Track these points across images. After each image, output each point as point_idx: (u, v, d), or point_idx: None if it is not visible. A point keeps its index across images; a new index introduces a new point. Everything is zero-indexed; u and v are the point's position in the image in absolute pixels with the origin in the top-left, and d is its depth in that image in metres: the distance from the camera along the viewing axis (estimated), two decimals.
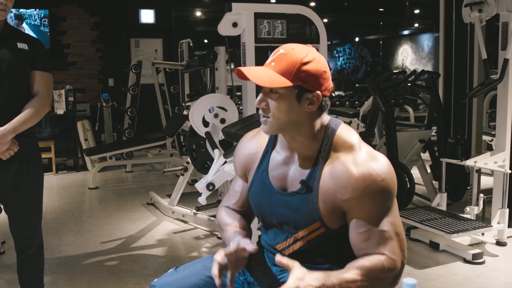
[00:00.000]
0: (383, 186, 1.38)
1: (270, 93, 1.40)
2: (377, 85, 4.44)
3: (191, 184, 5.41)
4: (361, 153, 1.41)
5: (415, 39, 13.67)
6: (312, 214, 1.43)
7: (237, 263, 1.48)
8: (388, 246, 1.39)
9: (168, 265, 3.41)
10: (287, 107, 1.39)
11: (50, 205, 5.13)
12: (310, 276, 1.32)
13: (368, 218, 1.39)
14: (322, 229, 1.44)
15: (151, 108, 7.32)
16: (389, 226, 1.39)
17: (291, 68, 1.37)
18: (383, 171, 1.39)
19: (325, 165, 1.42)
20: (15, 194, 2.27)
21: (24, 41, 2.26)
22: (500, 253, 3.52)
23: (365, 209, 1.38)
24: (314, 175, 1.43)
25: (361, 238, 1.40)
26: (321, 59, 1.43)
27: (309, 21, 3.58)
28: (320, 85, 1.40)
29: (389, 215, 1.40)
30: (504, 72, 3.59)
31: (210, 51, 4.30)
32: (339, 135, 1.44)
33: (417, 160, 4.80)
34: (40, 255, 2.42)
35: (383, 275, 1.38)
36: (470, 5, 3.73)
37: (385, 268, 1.38)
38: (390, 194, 1.40)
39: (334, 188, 1.40)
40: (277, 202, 1.50)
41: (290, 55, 1.39)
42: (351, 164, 1.39)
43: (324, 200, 1.41)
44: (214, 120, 3.65)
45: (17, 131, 2.17)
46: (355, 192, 1.37)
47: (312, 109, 1.41)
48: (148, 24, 8.89)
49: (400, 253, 1.40)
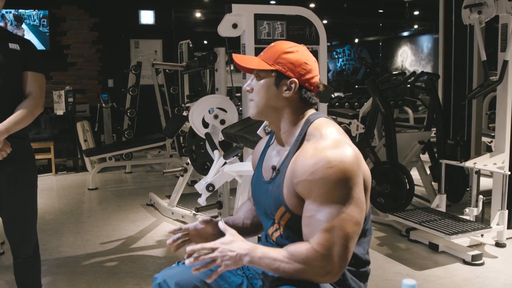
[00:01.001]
0: (330, 173, 1.36)
1: (255, 77, 1.55)
2: (377, 87, 4.44)
3: (190, 185, 5.41)
4: (325, 141, 1.44)
5: (414, 40, 13.68)
6: (278, 198, 1.49)
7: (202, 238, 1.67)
8: (317, 237, 1.36)
9: (167, 265, 3.39)
10: (266, 91, 1.52)
11: (50, 206, 5.13)
12: (238, 244, 1.43)
13: (313, 204, 1.39)
14: (288, 215, 1.48)
15: (150, 109, 7.32)
16: (328, 217, 1.35)
17: (274, 55, 1.52)
18: (336, 158, 1.37)
19: (295, 153, 1.48)
20: (8, 197, 2.25)
21: (16, 41, 2.24)
22: (500, 254, 3.53)
23: (310, 194, 1.39)
24: (285, 162, 1.50)
25: (304, 222, 1.42)
26: (305, 54, 1.54)
27: (309, 23, 3.58)
28: (298, 74, 1.50)
29: (336, 206, 1.36)
30: (503, 73, 3.59)
31: (210, 52, 4.30)
32: (314, 125, 1.50)
33: (416, 161, 4.81)
34: (36, 257, 2.40)
35: (303, 262, 1.37)
36: (470, 7, 3.73)
37: (305, 257, 1.37)
38: (338, 184, 1.36)
39: (292, 172, 1.45)
40: (262, 190, 1.60)
41: (277, 46, 1.55)
42: (310, 150, 1.43)
43: (286, 185, 1.47)
44: (214, 121, 3.64)
45: (10, 132, 2.14)
46: (304, 175, 1.40)
47: (289, 95, 1.50)
48: (148, 25, 8.90)
49: (330, 248, 1.35)
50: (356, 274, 1.53)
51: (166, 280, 1.63)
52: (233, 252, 1.40)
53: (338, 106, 7.91)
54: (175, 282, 1.62)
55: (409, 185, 4.09)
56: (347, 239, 1.36)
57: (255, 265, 1.42)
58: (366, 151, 4.41)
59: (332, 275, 1.38)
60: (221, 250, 1.41)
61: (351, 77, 15.28)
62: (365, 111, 6.01)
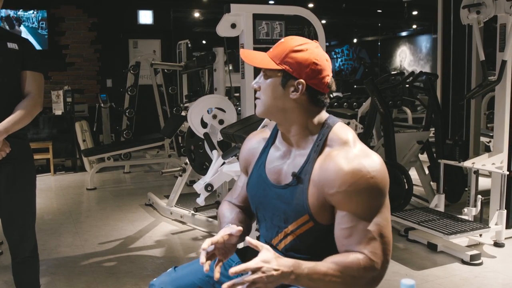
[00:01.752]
0: (372, 183, 1.35)
1: (264, 75, 1.48)
2: (376, 86, 4.44)
3: (189, 185, 5.41)
4: (354, 149, 1.41)
5: (413, 40, 13.69)
6: (302, 206, 1.43)
7: (226, 251, 1.50)
8: (370, 245, 1.34)
9: (166, 266, 3.40)
10: (272, 91, 1.46)
11: (48, 206, 5.13)
12: (279, 261, 1.31)
13: (353, 214, 1.36)
14: (311, 223, 1.44)
15: (149, 109, 7.31)
16: (374, 226, 1.35)
17: (281, 53, 1.44)
18: (373, 168, 1.36)
19: (317, 159, 1.43)
20: (7, 197, 2.25)
21: (14, 41, 2.23)
22: (498, 254, 3.53)
23: (351, 205, 1.36)
24: (306, 168, 1.44)
25: (344, 234, 1.37)
26: (316, 52, 1.46)
27: (308, 23, 3.59)
28: (306, 74, 1.43)
29: (377, 215, 1.36)
30: (502, 73, 3.60)
31: (208, 52, 4.30)
32: (335, 131, 1.46)
33: (415, 161, 4.81)
34: (34, 257, 2.39)
35: (358, 274, 1.33)
36: (468, 7, 3.73)
37: (361, 267, 1.33)
38: (379, 193, 1.37)
39: (323, 182, 1.40)
40: (271, 194, 1.52)
41: (286, 42, 1.47)
42: (341, 159, 1.39)
43: (313, 193, 1.42)
44: (213, 121, 3.64)
45: (9, 132, 2.14)
46: (342, 186, 1.36)
47: (296, 97, 1.44)
48: (147, 25, 8.90)
49: (381, 255, 1.35)
50: None
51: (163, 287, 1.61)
52: (278, 271, 1.29)
53: (337, 106, 7.91)
54: None
55: (408, 185, 4.09)
56: (390, 245, 1.38)
57: (300, 282, 1.32)
58: None
59: (376, 283, 1.37)
60: (264, 269, 1.28)
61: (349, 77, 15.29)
62: (364, 111, 6.02)
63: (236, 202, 1.74)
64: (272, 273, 1.28)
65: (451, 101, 4.58)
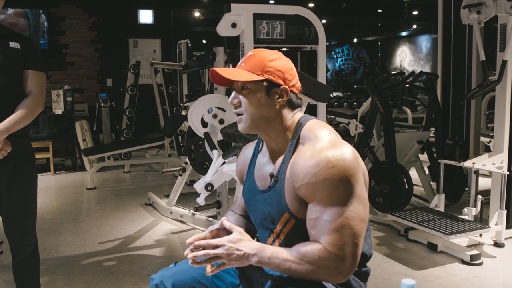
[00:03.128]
0: (333, 173, 1.36)
1: (242, 90, 1.51)
2: (376, 86, 4.44)
3: (189, 185, 5.41)
4: (321, 142, 1.44)
5: (413, 40, 13.69)
6: (281, 205, 1.48)
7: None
8: (329, 237, 1.35)
9: (166, 265, 3.37)
10: (258, 101, 1.50)
11: (48, 205, 5.13)
12: (246, 243, 1.41)
13: (318, 205, 1.38)
14: (293, 220, 1.47)
15: (149, 109, 7.31)
16: (336, 217, 1.35)
17: (259, 65, 1.50)
18: (336, 158, 1.37)
19: (291, 158, 1.47)
20: (8, 196, 2.25)
21: (16, 40, 2.22)
22: (498, 254, 3.53)
23: (315, 196, 1.39)
24: (282, 168, 1.49)
25: (310, 225, 1.41)
26: (286, 59, 1.55)
27: (308, 22, 3.58)
28: (287, 80, 1.51)
29: (342, 205, 1.36)
30: (502, 73, 3.60)
31: (209, 52, 4.30)
32: (307, 127, 1.50)
33: (415, 161, 4.81)
34: (35, 256, 2.40)
35: (316, 263, 1.35)
36: (469, 7, 3.73)
37: (318, 257, 1.35)
38: (341, 183, 1.36)
39: (293, 177, 1.44)
40: (259, 199, 1.57)
41: (258, 55, 1.53)
42: (307, 152, 1.43)
43: (288, 191, 1.46)
44: (213, 120, 3.64)
45: (10, 131, 2.14)
46: (305, 178, 1.39)
47: (282, 103, 1.51)
48: (147, 25, 8.90)
49: (341, 247, 1.34)
50: (357, 274, 1.53)
51: (163, 281, 1.63)
52: (241, 251, 1.39)
53: (337, 106, 7.92)
54: (172, 283, 1.62)
55: (408, 185, 4.09)
56: (356, 237, 1.36)
57: (264, 265, 1.40)
58: (365, 151, 4.41)
59: (344, 274, 1.36)
60: (227, 248, 1.39)
61: (349, 77, 15.30)
62: (364, 111, 6.02)
63: (238, 212, 1.79)
64: (234, 252, 1.39)
65: (451, 101, 4.58)
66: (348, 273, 1.37)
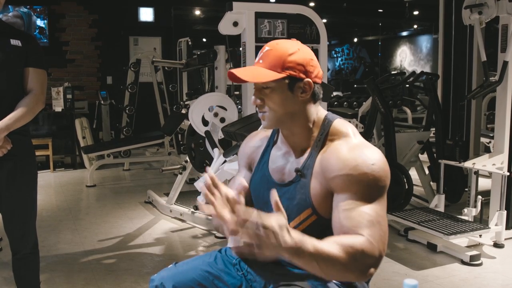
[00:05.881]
0: (372, 170, 1.34)
1: (263, 89, 1.46)
2: (376, 86, 4.44)
3: (189, 183, 5.41)
4: (355, 139, 1.43)
5: (413, 40, 13.69)
6: (304, 200, 1.44)
7: None
8: (369, 229, 1.29)
9: (165, 263, 3.40)
10: (281, 99, 1.44)
11: (47, 202, 5.12)
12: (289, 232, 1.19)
13: (353, 197, 1.33)
14: (314, 217, 1.44)
15: (149, 107, 7.31)
16: (374, 212, 1.32)
17: (279, 61, 1.43)
18: (374, 157, 1.36)
19: (319, 153, 1.45)
20: (8, 193, 2.24)
21: (17, 37, 2.21)
22: (498, 255, 3.53)
23: (351, 188, 1.34)
24: (309, 163, 1.46)
25: (343, 215, 1.33)
26: (306, 49, 1.48)
27: (310, 21, 3.59)
28: (309, 72, 1.45)
29: (376, 204, 1.34)
30: (503, 74, 3.60)
31: (210, 50, 4.30)
32: (335, 125, 1.48)
33: (415, 161, 4.81)
34: (35, 254, 2.39)
35: (359, 256, 1.25)
36: (470, 7, 3.73)
37: (362, 250, 1.26)
38: (378, 182, 1.35)
39: (324, 169, 1.41)
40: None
41: (276, 50, 1.45)
42: (343, 146, 1.41)
43: (315, 185, 1.42)
44: (214, 119, 3.64)
45: (10, 129, 2.13)
46: (343, 169, 1.36)
47: (306, 97, 1.46)
48: (147, 23, 8.89)
49: (380, 242, 1.29)
50: None
51: (163, 283, 1.61)
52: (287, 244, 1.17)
53: (337, 105, 7.92)
54: (172, 284, 1.60)
55: (408, 185, 4.10)
56: (387, 235, 1.34)
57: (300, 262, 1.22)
58: None
59: (371, 272, 1.29)
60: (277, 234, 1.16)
61: (349, 77, 15.30)
62: (364, 111, 6.02)
63: None
64: (280, 240, 1.16)
65: (451, 101, 4.58)
66: (375, 270, 1.31)
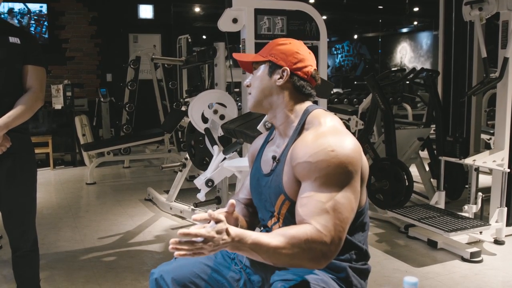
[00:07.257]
0: (332, 156, 1.36)
1: (253, 72, 1.62)
2: (377, 83, 4.43)
3: (189, 180, 5.41)
4: (324, 127, 1.47)
5: (413, 37, 13.67)
6: (278, 187, 1.50)
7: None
8: (320, 217, 1.32)
9: (165, 261, 3.38)
10: (260, 81, 1.58)
11: (48, 200, 5.12)
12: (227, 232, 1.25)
13: (311, 185, 1.38)
14: (287, 203, 1.48)
15: (149, 104, 7.30)
16: (329, 200, 1.34)
17: (267, 48, 1.60)
18: (338, 144, 1.39)
19: (294, 142, 1.50)
20: (7, 191, 2.24)
21: (16, 35, 2.21)
22: (498, 251, 3.53)
23: (310, 175, 1.38)
24: (284, 151, 1.52)
25: (299, 203, 1.39)
26: (298, 45, 1.59)
27: (310, 18, 3.57)
28: (290, 62, 1.55)
29: (335, 190, 1.35)
30: (503, 70, 3.59)
31: (209, 47, 4.29)
32: (313, 114, 1.54)
33: (415, 158, 4.80)
34: (35, 251, 2.39)
35: (304, 245, 1.28)
36: (471, 3, 3.72)
37: (307, 238, 1.29)
38: (339, 169, 1.36)
39: (292, 157, 1.46)
40: (262, 183, 1.60)
41: (273, 41, 1.62)
42: (310, 135, 1.47)
43: (286, 172, 1.48)
44: (214, 116, 3.63)
45: (9, 127, 2.13)
46: (303, 157, 1.41)
47: (281, 83, 1.55)
48: (147, 20, 8.88)
49: (331, 230, 1.31)
50: (357, 272, 1.53)
51: (163, 275, 1.63)
52: (225, 241, 1.24)
53: (337, 102, 7.91)
54: (171, 277, 1.62)
55: (408, 182, 4.09)
56: (344, 223, 1.35)
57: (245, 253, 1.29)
58: (365, 148, 4.41)
59: (326, 259, 1.32)
60: (215, 239, 1.23)
61: (350, 73, 15.28)
62: (364, 107, 6.01)
63: (243, 196, 1.78)
64: (219, 242, 1.23)
65: (452, 98, 4.57)
66: (329, 258, 1.33)
